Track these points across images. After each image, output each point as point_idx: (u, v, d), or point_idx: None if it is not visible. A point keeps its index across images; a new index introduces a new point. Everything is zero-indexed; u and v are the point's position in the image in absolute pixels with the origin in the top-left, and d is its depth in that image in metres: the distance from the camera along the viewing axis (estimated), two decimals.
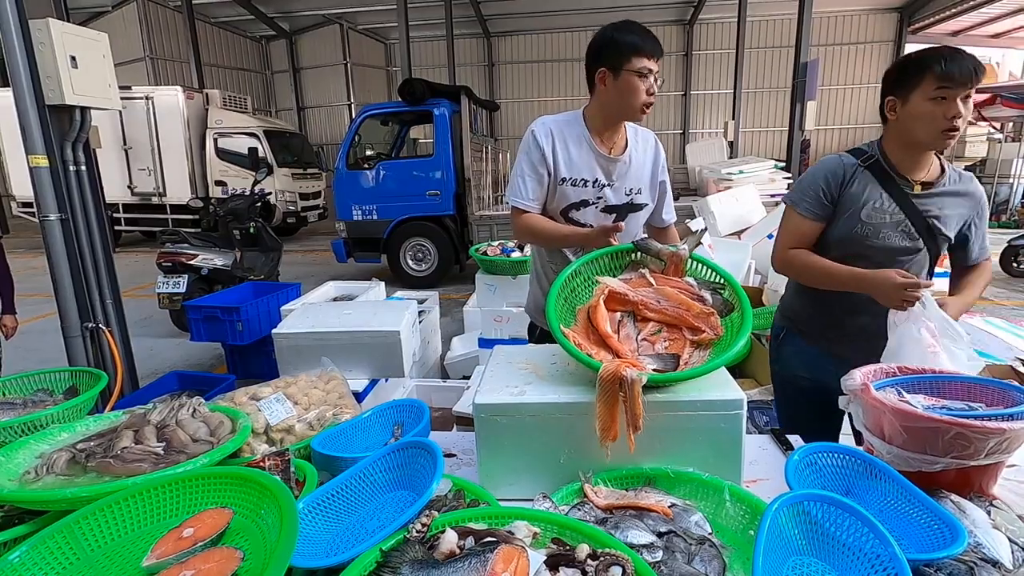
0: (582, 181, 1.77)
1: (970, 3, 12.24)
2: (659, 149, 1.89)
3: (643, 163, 1.85)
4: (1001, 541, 0.95)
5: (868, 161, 1.63)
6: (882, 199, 1.60)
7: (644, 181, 1.85)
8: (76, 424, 1.26)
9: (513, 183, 1.82)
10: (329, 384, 1.62)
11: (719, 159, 9.33)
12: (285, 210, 11.75)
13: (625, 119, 1.78)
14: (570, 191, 1.78)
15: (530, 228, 1.80)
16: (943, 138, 1.50)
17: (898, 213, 1.59)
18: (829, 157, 1.71)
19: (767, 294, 3.94)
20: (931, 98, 1.47)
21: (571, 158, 1.77)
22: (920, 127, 1.52)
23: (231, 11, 14.48)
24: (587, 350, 1.19)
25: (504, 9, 14.20)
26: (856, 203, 1.61)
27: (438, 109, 7.27)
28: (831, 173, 1.65)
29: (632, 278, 1.38)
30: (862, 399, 1.17)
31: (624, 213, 1.83)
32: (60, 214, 2.84)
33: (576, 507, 1.04)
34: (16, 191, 11.48)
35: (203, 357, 4.96)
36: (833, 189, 1.64)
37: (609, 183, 1.79)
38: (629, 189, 1.82)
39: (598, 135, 1.78)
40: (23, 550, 0.83)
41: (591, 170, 1.78)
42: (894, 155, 1.61)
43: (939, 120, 1.48)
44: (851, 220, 1.62)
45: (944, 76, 1.44)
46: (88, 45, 2.89)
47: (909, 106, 1.52)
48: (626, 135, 1.83)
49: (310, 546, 0.94)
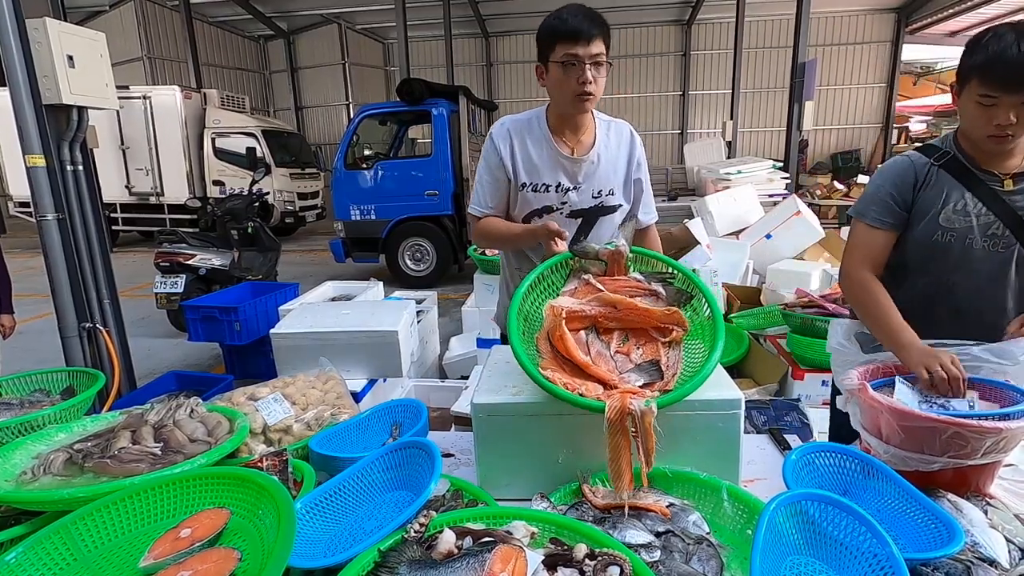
0: (543, 186, 1.65)
1: (968, 3, 12.27)
2: (634, 143, 1.72)
3: (615, 161, 1.69)
4: (998, 540, 0.95)
5: (943, 159, 1.41)
6: (965, 199, 1.37)
7: (616, 180, 1.70)
8: (73, 424, 1.25)
9: (472, 190, 1.75)
10: (327, 384, 1.62)
11: (717, 159, 9.36)
12: (283, 210, 11.72)
13: (569, 114, 1.61)
14: (531, 197, 1.67)
15: (484, 232, 1.73)
16: (991, 143, 1.32)
17: (986, 215, 1.36)
18: (897, 158, 1.50)
19: (765, 294, 3.94)
20: (976, 101, 1.28)
21: (532, 161, 1.65)
22: (970, 126, 1.34)
23: (229, 11, 14.46)
24: (572, 387, 1.08)
25: (502, 9, 14.19)
26: (934, 207, 1.40)
27: (436, 109, 7.26)
28: (900, 176, 1.45)
29: (577, 287, 1.29)
30: (859, 399, 1.17)
31: (593, 217, 1.70)
32: (57, 214, 2.83)
33: (574, 507, 1.05)
34: (13, 191, 11.44)
35: (201, 357, 4.95)
36: (905, 193, 1.43)
37: (574, 186, 1.66)
38: (598, 191, 1.68)
39: (559, 134, 1.65)
40: (20, 551, 0.83)
41: (552, 173, 1.65)
42: (969, 147, 1.39)
43: (985, 125, 1.29)
44: (929, 226, 1.40)
45: (988, 83, 1.25)
46: (85, 44, 2.88)
47: (961, 100, 1.33)
48: (594, 131, 1.67)
49: (308, 546, 0.94)
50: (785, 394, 2.82)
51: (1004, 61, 1.20)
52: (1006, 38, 1.21)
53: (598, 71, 1.52)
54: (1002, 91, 1.23)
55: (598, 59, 1.50)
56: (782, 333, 3.12)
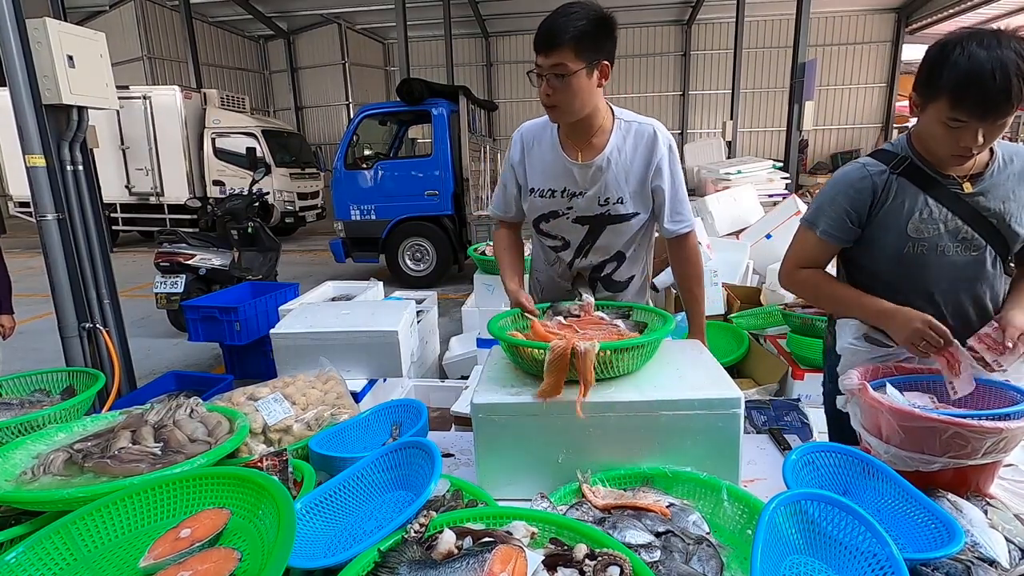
0: (549, 192, 1.64)
1: (968, 3, 12.27)
2: (656, 147, 1.58)
3: (628, 166, 1.59)
4: (998, 540, 0.95)
5: (900, 165, 1.35)
6: (929, 206, 1.32)
7: (627, 188, 1.60)
8: (73, 424, 1.25)
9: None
10: (327, 384, 1.62)
11: (717, 159, 9.36)
12: (283, 210, 11.71)
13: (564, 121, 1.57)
14: (539, 202, 1.67)
15: (494, 245, 1.86)
16: (954, 160, 1.29)
17: (952, 219, 1.32)
18: (850, 167, 1.42)
19: (765, 294, 3.94)
20: (944, 122, 1.21)
21: (542, 166, 1.64)
22: (934, 144, 1.29)
23: (229, 11, 14.46)
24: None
25: (502, 9, 14.19)
26: (898, 218, 1.34)
27: (436, 109, 7.26)
28: (857, 191, 1.37)
29: (552, 326, 1.45)
30: (860, 399, 1.17)
31: (599, 225, 1.64)
32: (57, 214, 2.83)
33: (574, 507, 1.05)
34: (13, 191, 11.44)
35: (201, 357, 4.95)
36: (861, 209, 1.38)
37: (580, 191, 1.61)
38: (605, 199, 1.60)
39: (568, 138, 1.61)
40: (20, 551, 0.83)
41: (558, 178, 1.62)
42: (926, 152, 1.34)
43: (952, 145, 1.24)
44: (898, 240, 1.35)
45: (960, 108, 1.18)
46: (85, 44, 2.88)
47: (926, 115, 1.27)
48: (609, 135, 1.58)
49: (308, 546, 0.94)
50: (785, 394, 2.82)
51: (982, 89, 1.14)
52: (978, 58, 1.13)
53: (561, 82, 1.44)
54: (974, 117, 1.17)
55: (557, 70, 1.42)
56: (782, 333, 3.12)
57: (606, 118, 1.59)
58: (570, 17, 1.40)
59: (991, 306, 1.39)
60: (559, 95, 1.46)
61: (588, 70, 1.44)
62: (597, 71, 1.47)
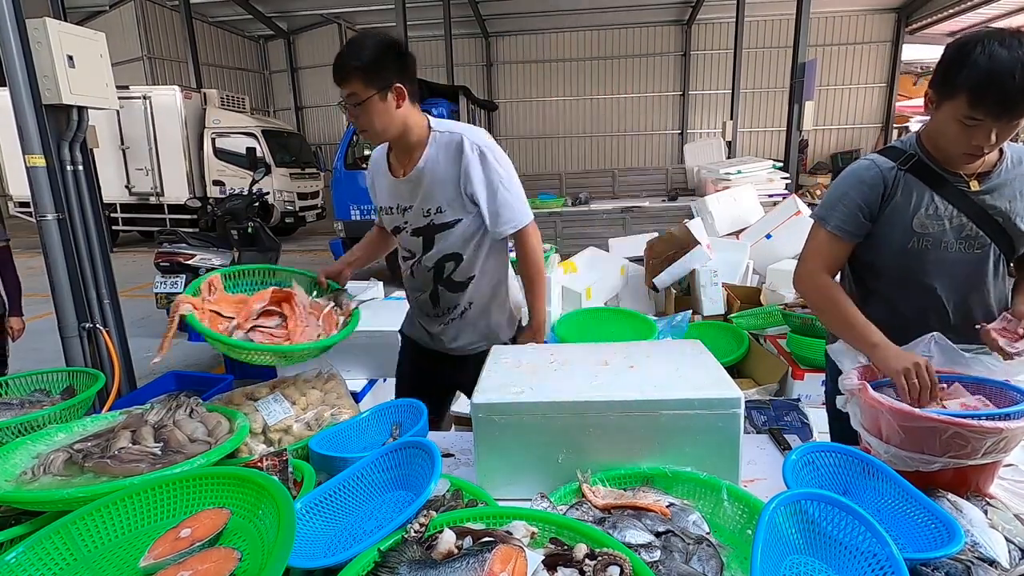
0: (388, 209, 1.77)
1: (968, 3, 12.26)
2: (464, 155, 1.59)
3: (443, 177, 1.63)
4: (998, 540, 0.95)
5: (908, 162, 1.37)
6: (935, 203, 1.35)
7: (444, 197, 1.64)
8: (73, 424, 1.26)
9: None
10: (327, 384, 1.62)
11: (717, 159, 9.34)
12: (283, 210, 11.72)
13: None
14: (386, 219, 1.81)
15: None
16: (965, 159, 1.31)
17: (958, 216, 1.34)
18: (860, 164, 1.45)
19: (765, 294, 3.94)
20: (960, 120, 1.23)
21: (381, 186, 1.79)
22: (946, 142, 1.30)
23: (229, 11, 14.45)
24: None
25: (502, 9, 14.18)
26: (904, 213, 1.36)
27: (436, 109, 7.27)
28: (869, 186, 1.39)
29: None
30: (860, 399, 1.17)
31: (430, 234, 1.70)
32: (57, 214, 2.82)
33: (574, 507, 1.05)
34: (13, 191, 11.44)
35: (201, 357, 4.95)
36: (873, 204, 1.39)
37: (408, 206, 1.70)
38: (427, 209, 1.67)
39: (395, 158, 1.73)
40: (20, 551, 0.83)
41: (392, 196, 1.74)
42: (934, 149, 1.36)
43: (965, 144, 1.26)
44: (903, 235, 1.37)
45: (979, 107, 1.19)
46: (85, 44, 2.88)
47: (940, 114, 1.28)
48: (424, 149, 1.63)
49: (308, 546, 0.94)
50: (785, 394, 2.82)
51: (1002, 89, 1.15)
52: (1000, 58, 1.14)
53: (358, 109, 1.52)
54: (990, 116, 1.19)
55: (352, 100, 1.52)
56: (782, 333, 3.12)
57: (422, 133, 1.65)
58: (355, 50, 1.50)
59: (996, 306, 1.40)
60: (362, 120, 1.56)
61: (381, 95, 1.52)
62: (392, 93, 1.54)
